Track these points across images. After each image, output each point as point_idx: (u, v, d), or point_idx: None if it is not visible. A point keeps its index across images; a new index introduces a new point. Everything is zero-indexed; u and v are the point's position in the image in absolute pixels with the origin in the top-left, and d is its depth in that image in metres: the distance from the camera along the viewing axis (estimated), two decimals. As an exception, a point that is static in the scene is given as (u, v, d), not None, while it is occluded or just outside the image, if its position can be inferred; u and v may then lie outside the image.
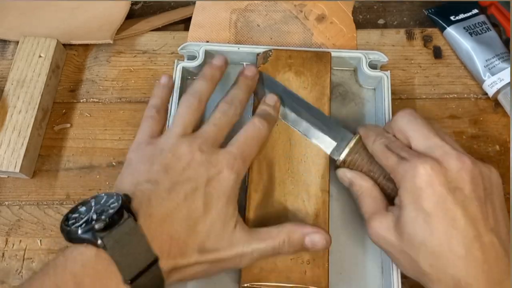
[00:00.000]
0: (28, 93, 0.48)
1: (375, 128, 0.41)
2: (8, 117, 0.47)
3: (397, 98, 0.51)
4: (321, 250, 0.38)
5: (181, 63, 0.49)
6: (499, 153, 0.49)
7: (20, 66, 0.49)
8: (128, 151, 0.39)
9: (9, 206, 0.47)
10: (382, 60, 0.49)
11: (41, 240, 0.45)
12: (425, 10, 0.57)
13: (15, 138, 0.46)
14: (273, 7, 0.55)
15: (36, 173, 0.48)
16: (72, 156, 0.49)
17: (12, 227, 0.46)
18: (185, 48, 0.50)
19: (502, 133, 0.50)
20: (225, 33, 0.54)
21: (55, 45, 0.51)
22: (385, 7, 0.59)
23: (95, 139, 0.49)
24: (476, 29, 0.53)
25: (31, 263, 0.44)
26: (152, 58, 0.53)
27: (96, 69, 0.53)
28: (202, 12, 0.55)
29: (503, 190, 0.47)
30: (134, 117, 0.50)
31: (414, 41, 0.55)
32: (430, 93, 0.52)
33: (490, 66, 0.51)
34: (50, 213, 0.46)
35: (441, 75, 0.53)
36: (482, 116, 0.51)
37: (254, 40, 0.53)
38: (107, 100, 0.51)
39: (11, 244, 0.45)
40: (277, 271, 0.39)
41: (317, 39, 0.53)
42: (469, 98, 0.52)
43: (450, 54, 0.54)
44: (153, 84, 0.52)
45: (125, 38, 0.54)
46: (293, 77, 0.46)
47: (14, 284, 0.43)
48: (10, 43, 0.54)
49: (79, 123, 0.50)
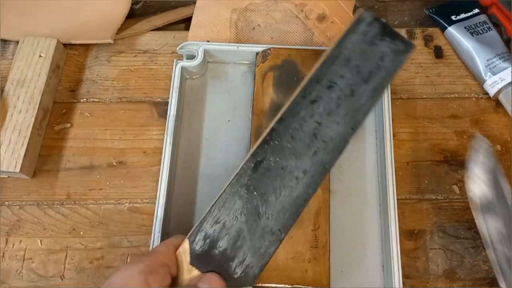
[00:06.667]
0: (28, 93, 0.48)
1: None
2: (8, 117, 0.47)
3: (398, 98, 0.51)
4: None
5: (180, 63, 0.49)
6: (500, 153, 0.49)
7: (20, 66, 0.49)
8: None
9: (9, 206, 0.46)
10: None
11: (41, 240, 0.45)
12: (426, 10, 0.57)
13: (16, 138, 0.46)
14: (273, 7, 0.55)
15: (36, 173, 0.48)
16: (72, 156, 0.49)
17: (12, 227, 0.45)
18: (184, 48, 0.50)
19: (503, 133, 0.50)
20: (225, 33, 0.54)
21: (55, 45, 0.51)
22: (386, 6, 0.58)
23: (95, 139, 0.49)
24: (477, 28, 0.53)
25: (31, 263, 0.44)
26: (152, 57, 0.53)
27: (96, 69, 0.53)
28: (202, 12, 0.55)
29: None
30: (134, 117, 0.50)
31: (415, 40, 0.55)
32: (431, 92, 0.52)
33: (491, 66, 0.50)
34: (51, 213, 0.46)
35: (442, 74, 0.53)
36: (483, 116, 0.51)
37: (254, 40, 0.53)
38: (107, 100, 0.51)
39: (11, 244, 0.45)
40: (279, 270, 0.39)
41: (318, 39, 0.53)
42: (470, 98, 0.52)
43: (451, 54, 0.54)
44: (154, 84, 0.52)
45: (125, 38, 0.54)
46: (293, 76, 0.46)
47: (14, 284, 0.43)
48: (10, 43, 0.54)
49: (80, 123, 0.50)
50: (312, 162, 0.36)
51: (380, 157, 0.47)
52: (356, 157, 0.47)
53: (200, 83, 0.51)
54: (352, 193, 0.46)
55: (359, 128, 0.37)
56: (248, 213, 0.35)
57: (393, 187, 0.43)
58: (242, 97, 0.50)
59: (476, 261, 0.44)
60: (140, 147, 0.49)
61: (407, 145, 0.49)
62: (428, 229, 0.46)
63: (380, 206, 0.45)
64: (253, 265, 0.34)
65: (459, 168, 0.48)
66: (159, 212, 0.42)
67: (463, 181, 0.47)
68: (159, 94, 0.51)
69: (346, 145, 0.37)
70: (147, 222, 0.46)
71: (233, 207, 0.35)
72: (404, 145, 0.49)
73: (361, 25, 0.39)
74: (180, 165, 0.47)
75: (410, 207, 0.46)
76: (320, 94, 0.37)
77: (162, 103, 0.51)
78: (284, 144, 0.36)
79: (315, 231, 0.41)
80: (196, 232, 0.35)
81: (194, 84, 0.51)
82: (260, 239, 0.35)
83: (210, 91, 0.51)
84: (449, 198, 0.47)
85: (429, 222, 0.46)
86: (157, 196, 0.43)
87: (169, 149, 0.45)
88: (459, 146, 0.49)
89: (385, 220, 0.43)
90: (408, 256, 0.44)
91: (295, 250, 0.40)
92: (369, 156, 0.48)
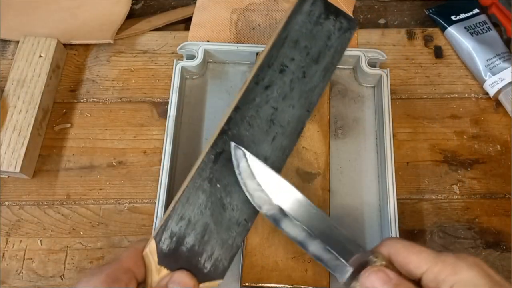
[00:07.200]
0: (29, 93, 0.48)
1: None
2: (8, 117, 0.47)
3: (398, 98, 0.51)
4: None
5: (180, 63, 0.49)
6: (500, 153, 0.49)
7: (21, 66, 0.49)
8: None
9: (9, 206, 0.46)
10: (381, 58, 0.49)
11: (41, 240, 0.45)
12: (426, 10, 0.57)
13: (16, 138, 0.46)
14: (273, 7, 0.55)
15: (36, 173, 0.48)
16: (72, 156, 0.49)
17: (12, 227, 0.45)
18: (184, 48, 0.50)
19: (503, 133, 0.50)
20: (225, 33, 0.54)
21: (56, 45, 0.51)
22: (386, 6, 0.58)
23: (95, 139, 0.49)
24: (477, 28, 0.53)
25: (31, 263, 0.44)
26: (152, 58, 0.53)
27: (96, 69, 0.53)
28: (202, 12, 0.55)
29: (504, 190, 0.47)
30: (134, 117, 0.50)
31: (415, 40, 0.54)
32: (431, 93, 0.52)
33: (491, 66, 0.50)
34: (50, 213, 0.46)
35: (442, 75, 0.53)
36: (483, 116, 0.51)
37: (254, 40, 0.53)
38: (107, 100, 0.51)
39: (11, 244, 0.45)
40: (278, 270, 0.39)
41: (318, 39, 0.53)
42: (470, 98, 0.52)
43: (451, 54, 0.54)
44: (154, 84, 0.52)
45: (125, 38, 0.54)
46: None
47: (14, 284, 0.43)
48: (11, 43, 0.54)
49: (80, 123, 0.50)
50: (272, 148, 0.36)
51: (380, 157, 0.47)
52: (356, 157, 0.47)
53: (200, 83, 0.51)
54: (352, 193, 0.46)
55: (313, 109, 0.37)
56: (212, 206, 0.35)
57: (393, 187, 0.43)
58: (242, 97, 0.50)
59: (476, 261, 0.44)
60: (140, 147, 0.49)
61: (407, 145, 0.49)
62: (428, 229, 0.46)
63: (380, 206, 0.45)
64: (222, 258, 0.34)
65: (459, 168, 0.48)
66: (159, 212, 0.42)
67: (463, 181, 0.48)
68: (159, 94, 0.51)
69: (303, 127, 0.37)
70: (147, 222, 0.46)
71: (197, 201, 0.35)
72: (404, 145, 0.49)
73: (305, 5, 0.39)
74: (180, 165, 0.47)
75: (410, 207, 0.46)
76: (272, 78, 0.38)
77: (162, 103, 0.51)
78: (242, 132, 0.36)
79: (315, 231, 0.41)
80: (162, 231, 0.34)
81: (194, 84, 0.51)
82: (227, 231, 0.35)
83: (210, 91, 0.51)
84: (449, 198, 0.47)
85: (429, 222, 0.46)
86: (157, 196, 0.43)
87: (169, 149, 0.45)
88: (459, 146, 0.49)
89: (385, 220, 0.43)
90: (408, 256, 0.44)
91: (295, 250, 0.40)
92: (369, 156, 0.48)
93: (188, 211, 0.34)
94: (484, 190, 0.47)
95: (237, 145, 0.35)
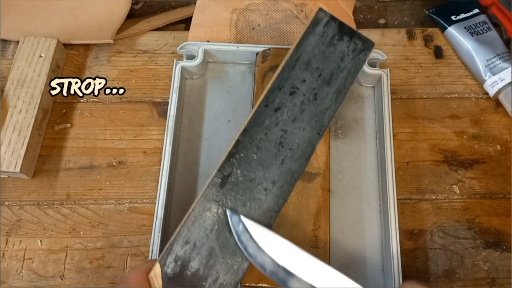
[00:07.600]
0: (29, 93, 0.48)
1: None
2: (8, 117, 0.47)
3: (398, 98, 0.51)
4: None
5: (180, 63, 0.49)
6: (500, 153, 0.49)
7: (21, 66, 0.49)
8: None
9: (9, 206, 0.46)
10: (381, 58, 0.49)
11: (41, 240, 0.45)
12: (426, 10, 0.57)
13: (16, 138, 0.46)
14: (273, 7, 0.55)
15: (36, 173, 0.48)
16: (72, 156, 0.49)
17: (12, 227, 0.45)
18: (184, 48, 0.50)
19: (503, 133, 0.50)
20: (225, 33, 0.54)
21: (56, 45, 0.51)
22: (386, 6, 0.59)
23: (95, 139, 0.49)
24: (477, 28, 0.53)
25: (31, 263, 0.44)
26: (152, 58, 0.53)
27: (96, 69, 0.53)
28: (202, 12, 0.55)
29: (504, 190, 0.47)
30: (134, 117, 0.50)
31: (415, 40, 0.55)
32: (431, 92, 0.52)
33: (491, 66, 0.50)
34: (50, 213, 0.46)
35: (442, 75, 0.53)
36: (483, 116, 0.51)
37: (254, 40, 0.53)
38: (107, 100, 0.51)
39: (11, 244, 0.45)
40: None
41: (318, 39, 0.53)
42: (470, 98, 0.52)
43: (451, 54, 0.54)
44: (154, 84, 0.52)
45: (125, 38, 0.54)
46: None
47: (14, 284, 0.43)
48: (10, 43, 0.54)
49: (80, 123, 0.50)
50: (280, 172, 0.36)
51: (380, 157, 0.47)
52: (356, 157, 0.48)
53: (200, 83, 0.51)
54: (352, 193, 0.46)
55: (324, 132, 0.37)
56: (218, 231, 0.34)
57: (393, 187, 0.43)
58: (242, 97, 0.50)
59: (476, 261, 0.44)
60: (140, 147, 0.49)
61: (407, 145, 0.49)
62: (428, 229, 0.46)
63: (380, 206, 0.45)
64: (227, 283, 0.34)
65: (459, 168, 0.48)
66: (159, 212, 0.42)
67: (463, 181, 0.48)
68: (159, 94, 0.51)
69: (313, 151, 0.37)
70: (147, 222, 0.46)
71: (202, 225, 0.34)
72: (404, 145, 0.49)
73: (318, 26, 0.38)
74: (180, 165, 0.47)
75: (410, 207, 0.46)
76: (283, 101, 0.37)
77: (162, 103, 0.51)
78: (250, 155, 0.36)
79: (315, 231, 0.41)
80: (167, 255, 0.34)
81: (194, 84, 0.51)
82: (232, 256, 0.34)
83: (210, 91, 0.51)
84: (449, 198, 0.47)
85: (429, 222, 0.46)
86: (157, 196, 0.43)
87: (169, 149, 0.45)
88: (459, 146, 0.49)
89: (385, 220, 0.43)
90: (408, 256, 0.44)
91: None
92: (369, 156, 0.48)
93: (194, 234, 0.34)
94: (484, 190, 0.47)
95: (232, 211, 0.35)
